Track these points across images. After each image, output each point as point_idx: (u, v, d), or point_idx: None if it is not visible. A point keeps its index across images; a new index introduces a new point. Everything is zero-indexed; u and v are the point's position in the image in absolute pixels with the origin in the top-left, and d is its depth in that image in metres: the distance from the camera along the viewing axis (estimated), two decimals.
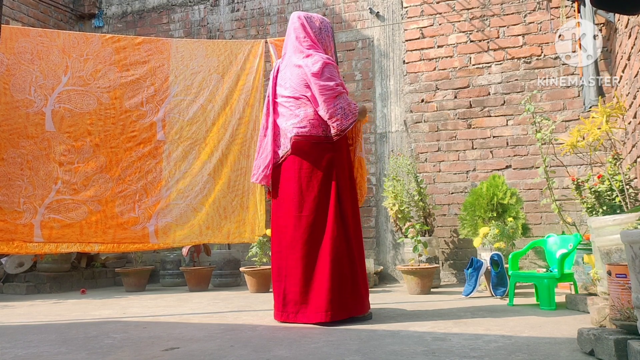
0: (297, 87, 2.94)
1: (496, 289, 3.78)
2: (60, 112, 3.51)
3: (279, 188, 2.99)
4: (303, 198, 2.89)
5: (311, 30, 3.04)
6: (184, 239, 3.66)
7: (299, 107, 2.94)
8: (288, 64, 3.03)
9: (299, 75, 2.93)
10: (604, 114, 2.96)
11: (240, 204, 3.73)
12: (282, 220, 2.95)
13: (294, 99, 2.96)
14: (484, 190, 4.37)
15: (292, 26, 3.06)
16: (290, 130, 2.94)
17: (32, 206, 3.40)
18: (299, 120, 2.93)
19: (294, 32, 3.05)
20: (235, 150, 3.76)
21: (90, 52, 3.59)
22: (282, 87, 3.03)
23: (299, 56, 2.97)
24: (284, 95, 3.00)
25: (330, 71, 2.90)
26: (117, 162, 3.57)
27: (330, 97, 2.87)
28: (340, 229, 2.88)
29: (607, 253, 2.41)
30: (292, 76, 2.97)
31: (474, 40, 5.11)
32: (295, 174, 2.91)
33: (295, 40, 3.03)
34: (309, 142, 2.92)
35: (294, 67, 2.97)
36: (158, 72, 3.70)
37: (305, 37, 3.02)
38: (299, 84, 2.93)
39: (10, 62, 3.45)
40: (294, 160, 2.92)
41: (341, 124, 2.88)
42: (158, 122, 3.67)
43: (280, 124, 3.00)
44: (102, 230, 3.50)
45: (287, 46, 3.09)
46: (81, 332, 2.82)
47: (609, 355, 1.84)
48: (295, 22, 3.07)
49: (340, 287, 2.81)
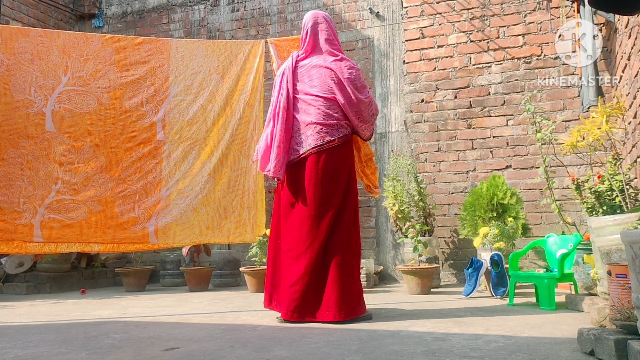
0: (327, 87, 2.96)
1: (496, 289, 3.78)
2: (60, 112, 3.51)
3: (297, 186, 2.97)
4: (323, 199, 2.90)
5: (335, 33, 3.11)
6: (184, 239, 3.66)
7: (329, 108, 2.95)
8: (312, 63, 3.03)
9: (330, 77, 2.96)
10: (604, 114, 2.96)
11: (241, 204, 3.73)
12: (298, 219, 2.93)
13: (324, 99, 2.96)
14: (484, 190, 4.37)
15: (319, 25, 3.06)
16: (317, 129, 2.94)
17: (32, 206, 3.40)
18: (329, 120, 2.94)
19: (322, 32, 3.06)
20: (236, 150, 3.76)
21: (90, 52, 3.59)
22: (306, 84, 3.01)
23: (329, 58, 3.01)
24: (312, 93, 2.98)
25: (361, 78, 3.01)
26: (117, 162, 3.57)
27: (366, 105, 2.98)
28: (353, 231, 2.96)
29: (607, 253, 2.41)
30: (320, 76, 2.99)
31: (474, 40, 5.11)
32: (319, 173, 2.92)
33: (325, 42, 3.05)
34: (335, 144, 2.95)
35: (322, 68, 2.99)
36: (158, 72, 3.70)
37: (334, 39, 3.09)
38: (330, 85, 2.96)
39: (10, 62, 3.45)
40: (316, 158, 2.92)
41: (371, 129, 3.08)
42: (158, 122, 3.67)
43: (304, 120, 2.97)
44: (102, 230, 3.50)
45: (310, 43, 3.08)
46: (81, 332, 2.82)
47: (609, 355, 1.84)
48: (322, 22, 3.08)
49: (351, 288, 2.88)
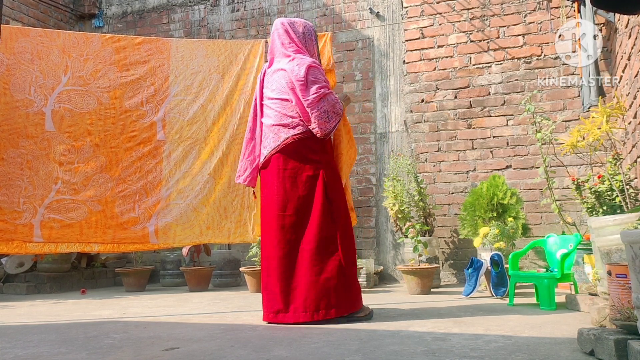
0: (282, 89, 2.99)
1: (496, 289, 3.78)
2: (60, 112, 3.51)
3: (265, 188, 3.05)
4: (287, 198, 2.93)
5: (295, 36, 3.10)
6: (184, 239, 3.66)
7: (284, 108, 2.99)
8: (275, 67, 3.09)
9: (284, 77, 2.99)
10: (604, 114, 2.96)
11: (241, 204, 3.73)
12: (267, 220, 2.99)
13: (280, 101, 3.01)
14: (484, 190, 4.37)
15: (276, 32, 3.11)
16: (275, 130, 3.00)
17: (32, 206, 3.40)
18: (284, 121, 2.98)
19: (278, 38, 3.11)
20: (236, 150, 3.76)
21: (90, 52, 3.59)
22: (268, 89, 3.09)
23: (285, 60, 3.04)
24: (271, 97, 3.05)
25: (314, 74, 2.94)
26: (117, 162, 3.57)
27: (314, 101, 2.90)
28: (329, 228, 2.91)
29: (607, 253, 2.41)
30: (278, 79, 3.03)
31: (474, 40, 5.11)
32: (279, 173, 2.95)
33: (281, 46, 3.09)
34: (294, 143, 2.95)
35: (279, 71, 3.03)
36: (158, 72, 3.70)
37: (290, 42, 3.08)
38: (284, 86, 2.98)
39: (10, 62, 3.45)
40: (278, 160, 2.96)
41: (325, 127, 2.93)
42: (158, 121, 3.67)
43: (266, 124, 3.06)
44: (102, 230, 3.50)
45: (272, 51, 3.15)
46: (81, 332, 2.82)
47: (609, 355, 1.84)
48: (279, 28, 3.11)
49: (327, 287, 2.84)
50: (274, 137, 2.99)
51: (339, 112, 2.98)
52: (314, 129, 2.93)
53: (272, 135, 3.00)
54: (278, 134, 2.98)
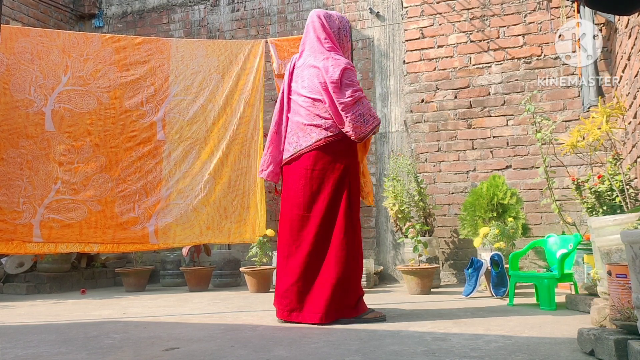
0: (315, 88, 2.90)
1: (496, 289, 3.78)
2: (60, 112, 3.51)
3: (288, 186, 2.96)
4: (312, 199, 2.87)
5: (331, 31, 3.00)
6: (184, 239, 3.66)
7: (317, 108, 2.89)
8: (306, 62, 2.98)
9: (317, 76, 2.89)
10: (604, 114, 2.95)
11: (241, 204, 3.73)
12: (288, 219, 2.93)
13: (313, 100, 2.91)
14: (484, 190, 4.36)
15: (312, 25, 3.01)
16: (306, 129, 2.91)
17: (32, 206, 3.40)
18: (316, 121, 2.89)
19: (313, 31, 3.00)
20: (236, 150, 3.76)
21: (90, 52, 3.59)
22: (298, 84, 2.99)
23: (319, 57, 2.93)
24: (302, 94, 2.95)
25: (349, 76, 2.85)
26: (117, 162, 3.57)
27: (348, 105, 2.81)
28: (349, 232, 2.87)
29: (607, 253, 2.41)
30: (310, 76, 2.93)
31: (474, 40, 5.11)
32: (307, 173, 2.88)
33: (316, 41, 2.98)
34: (326, 145, 2.88)
35: (312, 68, 2.93)
36: (158, 72, 3.70)
37: (326, 37, 2.97)
38: (317, 85, 2.89)
39: (10, 62, 3.45)
40: (307, 159, 2.88)
41: (360, 131, 2.83)
42: (158, 121, 3.67)
43: (295, 121, 2.96)
44: (101, 230, 3.50)
45: (305, 43, 3.04)
46: (81, 332, 2.82)
47: (609, 355, 1.84)
48: (315, 20, 3.01)
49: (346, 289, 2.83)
50: (304, 136, 2.91)
51: (375, 115, 2.90)
52: (347, 132, 2.84)
53: (302, 134, 2.91)
54: (309, 134, 2.89)
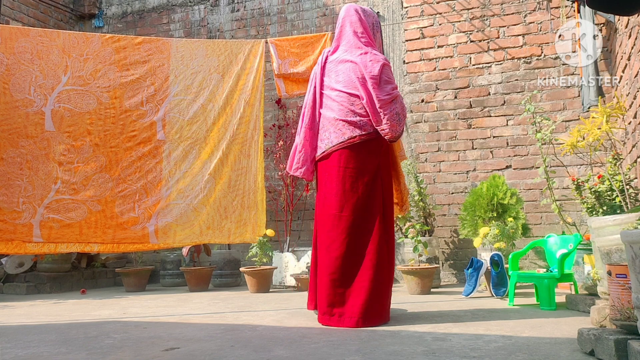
0: (351, 83, 2.82)
1: (496, 289, 3.78)
2: (60, 111, 3.51)
3: (322, 184, 2.89)
4: (345, 198, 2.77)
5: (367, 26, 2.96)
6: (184, 239, 3.66)
7: (352, 104, 2.82)
8: (341, 57, 2.92)
9: (354, 71, 2.82)
10: (604, 114, 2.95)
11: (241, 204, 3.73)
12: (323, 219, 2.86)
13: (348, 95, 2.83)
14: (484, 190, 4.36)
15: (349, 19, 2.96)
16: (339, 125, 2.82)
17: (32, 206, 3.40)
18: (351, 117, 2.81)
19: (350, 25, 2.94)
20: (236, 150, 3.76)
21: (90, 51, 3.59)
22: (331, 79, 2.91)
23: (355, 52, 2.88)
24: (336, 88, 2.87)
25: (387, 73, 2.81)
26: (117, 161, 3.57)
27: (387, 102, 2.76)
28: (383, 234, 2.79)
29: (607, 253, 2.41)
30: (345, 70, 2.86)
31: (474, 40, 5.11)
32: (339, 171, 2.80)
33: (353, 35, 2.92)
34: (360, 143, 2.80)
35: (348, 62, 2.86)
36: (158, 71, 3.70)
37: (363, 32, 2.92)
38: (354, 80, 2.81)
39: (10, 62, 3.45)
40: (340, 156, 2.80)
41: (396, 130, 2.78)
42: (158, 121, 3.67)
43: (327, 116, 2.88)
44: (101, 230, 3.50)
45: (340, 38, 2.98)
46: (81, 332, 2.82)
47: (609, 355, 1.84)
48: (352, 15, 2.96)
49: (379, 294, 2.73)
50: (336, 133, 2.82)
51: (406, 115, 2.87)
52: (383, 130, 2.77)
53: (334, 129, 2.83)
54: (342, 130, 2.80)
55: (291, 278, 4.86)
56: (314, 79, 2.99)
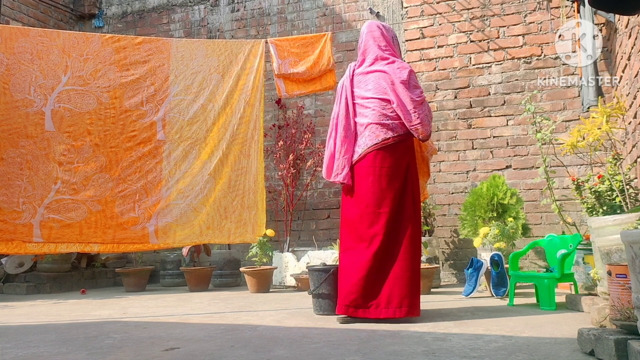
0: (382, 89, 3.06)
1: (496, 289, 3.78)
2: (60, 111, 3.51)
3: (357, 184, 3.05)
4: (382, 195, 2.97)
5: (389, 39, 3.22)
6: (184, 239, 3.66)
7: (384, 108, 3.04)
8: (369, 69, 3.15)
9: (383, 79, 3.07)
10: (604, 114, 2.95)
11: (241, 204, 3.73)
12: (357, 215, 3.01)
13: (380, 100, 3.05)
14: (484, 190, 4.36)
15: (371, 34, 3.19)
16: (373, 128, 3.04)
17: (32, 206, 3.40)
18: (384, 120, 3.03)
19: (374, 40, 3.18)
20: (236, 150, 3.75)
21: (90, 51, 3.59)
22: (361, 89, 3.13)
23: (381, 62, 3.12)
24: (367, 96, 3.09)
25: (414, 79, 3.09)
26: (117, 161, 3.57)
27: (418, 104, 3.01)
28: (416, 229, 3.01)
29: (607, 253, 2.41)
30: (375, 79, 3.09)
31: (474, 40, 5.11)
32: (375, 171, 3.00)
33: (377, 49, 3.16)
34: (393, 143, 3.02)
35: (376, 72, 3.10)
36: (158, 71, 3.70)
37: (386, 45, 3.18)
38: (385, 87, 3.05)
39: (10, 62, 3.45)
40: (376, 157, 3.01)
41: (427, 130, 3.03)
42: (158, 121, 3.67)
43: (361, 123, 3.09)
44: (101, 230, 3.50)
45: (365, 52, 3.19)
46: (81, 332, 2.82)
47: (609, 355, 1.84)
48: (375, 30, 3.20)
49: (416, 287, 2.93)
50: (370, 136, 3.03)
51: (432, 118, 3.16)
52: (417, 129, 3.00)
53: (369, 133, 3.04)
54: (376, 133, 3.02)
55: (291, 278, 4.86)
56: (343, 91, 3.20)
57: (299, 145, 5.42)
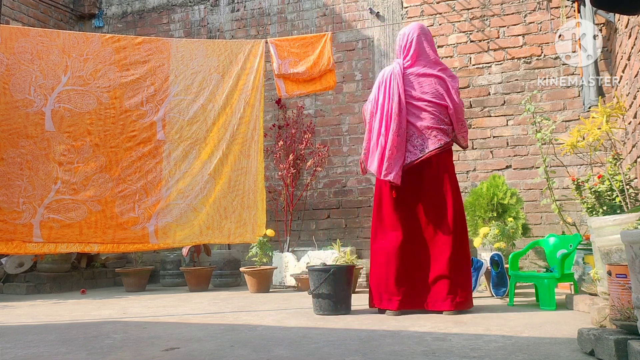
0: (438, 94, 3.18)
1: (496, 289, 3.78)
2: (60, 111, 3.51)
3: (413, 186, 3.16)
4: (433, 196, 3.14)
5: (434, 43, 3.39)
6: (184, 239, 3.66)
7: (441, 113, 3.17)
8: (422, 71, 3.22)
9: (439, 84, 3.19)
10: (604, 114, 2.95)
11: (241, 204, 3.73)
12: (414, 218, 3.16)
13: (438, 105, 3.17)
14: (484, 190, 4.36)
15: (423, 37, 3.28)
16: (433, 132, 3.15)
17: (32, 206, 3.40)
18: (442, 125, 3.16)
19: (426, 42, 3.28)
20: (236, 150, 3.75)
21: (90, 51, 3.59)
22: (416, 90, 3.20)
23: (434, 67, 3.24)
24: (425, 99, 3.18)
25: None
26: (117, 161, 3.57)
27: (463, 113, 3.29)
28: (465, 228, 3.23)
29: (607, 253, 2.41)
30: (431, 83, 3.20)
31: (474, 40, 5.11)
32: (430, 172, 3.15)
33: (429, 51, 3.27)
34: (449, 147, 3.22)
35: (430, 76, 3.21)
36: (158, 71, 3.70)
37: (434, 49, 3.32)
38: (442, 92, 3.18)
39: (10, 62, 3.45)
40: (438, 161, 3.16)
41: (467, 137, 3.33)
42: (158, 121, 3.67)
43: (418, 125, 3.17)
44: (101, 230, 3.50)
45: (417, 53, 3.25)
46: (81, 332, 2.82)
47: (609, 355, 1.84)
48: (427, 33, 3.34)
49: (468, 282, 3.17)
50: (432, 139, 3.14)
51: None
52: (464, 137, 3.27)
53: (428, 136, 3.14)
54: (437, 137, 3.14)
55: (291, 278, 4.86)
56: (394, 88, 3.21)
57: (299, 145, 5.42)
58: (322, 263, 3.62)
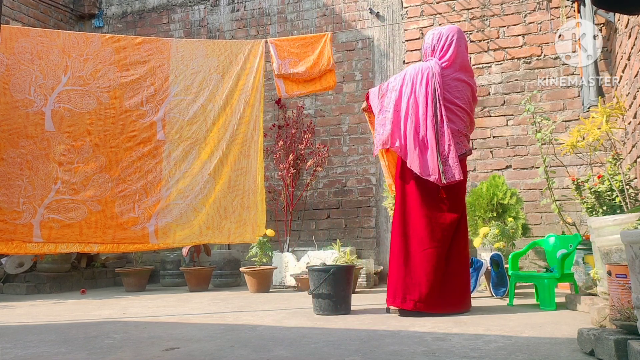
0: (467, 101, 3.23)
1: (496, 289, 3.78)
2: (60, 111, 3.51)
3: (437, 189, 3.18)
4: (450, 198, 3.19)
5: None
6: (184, 239, 3.66)
7: (466, 120, 3.23)
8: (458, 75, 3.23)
9: (469, 92, 3.25)
10: (604, 114, 2.95)
11: (241, 204, 3.73)
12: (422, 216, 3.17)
13: (466, 112, 3.23)
14: (484, 191, 4.36)
15: (463, 40, 3.31)
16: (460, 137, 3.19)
17: (32, 206, 3.40)
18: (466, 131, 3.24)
19: (464, 46, 3.30)
20: (236, 150, 3.75)
21: (90, 52, 3.59)
22: (450, 93, 3.21)
23: (467, 73, 3.28)
24: (458, 103, 3.21)
25: None
26: (117, 162, 3.57)
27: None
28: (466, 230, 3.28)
29: (607, 253, 2.41)
30: (463, 89, 3.23)
31: (474, 41, 5.11)
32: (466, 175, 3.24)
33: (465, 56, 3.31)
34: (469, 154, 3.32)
35: (463, 82, 3.24)
36: (158, 71, 3.70)
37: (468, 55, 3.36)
38: (470, 100, 3.25)
39: (10, 62, 3.45)
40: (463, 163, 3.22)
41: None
42: (158, 121, 3.66)
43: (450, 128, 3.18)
44: (101, 230, 3.50)
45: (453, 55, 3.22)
46: (81, 332, 2.82)
47: (609, 355, 1.84)
48: (465, 38, 3.36)
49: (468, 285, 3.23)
50: (459, 144, 3.17)
51: None
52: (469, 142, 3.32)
53: (456, 139, 3.16)
54: (463, 142, 3.20)
55: (291, 278, 4.86)
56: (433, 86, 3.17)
57: (299, 145, 5.42)
58: (322, 263, 3.62)
